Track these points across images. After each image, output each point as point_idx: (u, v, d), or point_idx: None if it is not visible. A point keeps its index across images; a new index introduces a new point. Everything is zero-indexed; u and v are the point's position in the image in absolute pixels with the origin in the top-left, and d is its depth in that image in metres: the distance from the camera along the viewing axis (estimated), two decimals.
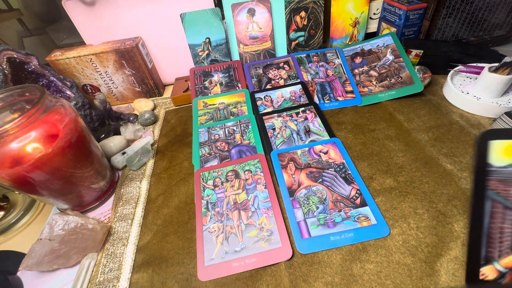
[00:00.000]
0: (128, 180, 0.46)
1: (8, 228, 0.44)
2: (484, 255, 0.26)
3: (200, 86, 0.60)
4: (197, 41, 0.61)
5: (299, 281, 0.30)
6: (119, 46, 0.57)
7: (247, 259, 0.32)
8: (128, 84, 0.63)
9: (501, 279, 0.25)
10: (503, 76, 0.44)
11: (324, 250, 0.32)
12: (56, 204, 0.40)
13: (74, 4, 0.58)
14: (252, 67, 0.62)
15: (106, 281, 0.33)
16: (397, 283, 0.28)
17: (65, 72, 0.59)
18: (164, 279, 0.32)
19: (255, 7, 0.60)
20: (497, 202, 0.25)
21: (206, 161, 0.45)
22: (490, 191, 0.25)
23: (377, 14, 0.67)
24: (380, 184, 0.38)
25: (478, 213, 0.26)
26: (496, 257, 0.25)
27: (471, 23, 0.61)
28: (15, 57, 0.48)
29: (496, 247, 0.25)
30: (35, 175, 0.33)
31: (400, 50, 0.56)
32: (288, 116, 0.50)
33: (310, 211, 0.35)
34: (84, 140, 0.38)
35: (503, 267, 0.25)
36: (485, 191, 0.25)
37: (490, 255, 0.26)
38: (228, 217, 0.36)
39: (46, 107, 0.34)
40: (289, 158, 0.42)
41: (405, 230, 0.32)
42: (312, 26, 0.64)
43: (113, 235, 0.38)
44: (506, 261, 0.25)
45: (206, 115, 0.53)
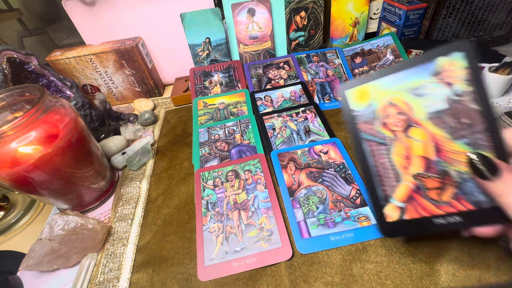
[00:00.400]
0: (128, 180, 0.46)
1: (8, 228, 0.44)
2: (381, 196, 0.27)
3: (200, 86, 0.60)
4: (197, 41, 0.61)
5: (299, 281, 0.30)
6: (119, 46, 0.57)
7: (247, 259, 0.32)
8: (128, 84, 0.63)
9: (403, 215, 0.25)
10: (503, 76, 0.44)
11: (324, 250, 0.32)
12: (56, 204, 0.40)
13: (74, 4, 0.58)
14: (252, 67, 0.62)
15: (106, 281, 0.33)
16: (397, 283, 0.28)
17: (65, 72, 0.59)
18: (164, 279, 0.32)
19: (255, 7, 0.60)
20: (370, 141, 0.27)
21: (206, 161, 0.45)
22: (362, 133, 0.27)
23: (377, 14, 0.67)
24: None
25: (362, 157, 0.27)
26: (390, 193, 0.26)
27: (471, 23, 0.61)
28: (15, 57, 0.48)
29: (386, 184, 0.26)
30: (35, 175, 0.33)
31: (400, 50, 0.56)
32: (288, 116, 0.50)
33: (310, 211, 0.35)
34: (84, 140, 0.38)
35: (400, 201, 0.26)
36: (358, 134, 0.28)
37: (386, 194, 0.27)
38: (228, 217, 0.36)
39: (46, 107, 0.34)
40: (289, 158, 0.42)
41: None
42: (312, 26, 0.64)
43: (113, 235, 0.38)
44: (399, 195, 0.26)
45: (206, 115, 0.53)
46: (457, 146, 0.23)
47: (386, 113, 0.26)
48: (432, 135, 0.25)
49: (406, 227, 0.26)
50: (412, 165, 0.25)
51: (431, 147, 0.25)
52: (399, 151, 0.26)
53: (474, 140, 0.23)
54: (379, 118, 0.27)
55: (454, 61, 0.23)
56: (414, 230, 0.26)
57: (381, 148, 0.27)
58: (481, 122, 0.22)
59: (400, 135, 0.26)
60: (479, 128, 0.23)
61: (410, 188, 0.26)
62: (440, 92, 0.24)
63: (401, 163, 0.26)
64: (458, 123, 0.23)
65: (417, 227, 0.25)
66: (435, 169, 0.24)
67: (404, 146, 0.26)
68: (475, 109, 0.23)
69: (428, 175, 0.25)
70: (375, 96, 0.27)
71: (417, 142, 0.25)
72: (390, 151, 0.26)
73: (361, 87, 0.27)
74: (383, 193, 0.27)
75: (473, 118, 0.23)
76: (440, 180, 0.24)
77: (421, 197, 0.25)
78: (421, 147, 0.25)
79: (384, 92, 0.26)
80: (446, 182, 0.24)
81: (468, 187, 0.23)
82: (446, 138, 0.24)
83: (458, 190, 0.24)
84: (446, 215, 0.24)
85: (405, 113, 0.26)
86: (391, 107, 0.26)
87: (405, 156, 0.26)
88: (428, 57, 0.24)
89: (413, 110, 0.25)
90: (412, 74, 0.25)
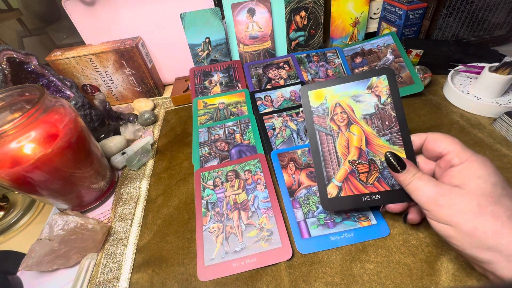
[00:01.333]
0: (128, 180, 0.46)
1: (8, 228, 0.44)
2: (325, 176, 0.33)
3: (200, 86, 0.60)
4: (197, 41, 0.61)
5: (299, 281, 0.30)
6: (119, 46, 0.57)
7: (247, 259, 0.32)
8: (128, 84, 0.63)
9: (340, 193, 0.32)
10: (503, 76, 0.44)
11: (324, 250, 0.32)
12: (56, 204, 0.40)
13: (74, 4, 0.58)
14: (252, 67, 0.62)
15: (106, 281, 0.33)
16: (397, 283, 0.28)
17: (65, 72, 0.59)
18: (164, 279, 0.32)
19: (255, 7, 0.60)
20: (321, 132, 0.34)
21: (206, 161, 0.45)
22: (316, 125, 0.34)
23: (377, 14, 0.67)
24: None
25: (315, 144, 0.34)
26: (333, 175, 0.33)
27: (471, 23, 0.61)
28: (15, 57, 0.48)
29: (330, 167, 0.33)
30: (35, 175, 0.33)
31: (400, 50, 0.56)
32: (288, 116, 0.50)
33: (310, 211, 0.35)
34: (84, 140, 0.38)
35: (339, 182, 0.32)
36: (313, 125, 0.34)
37: (329, 175, 0.33)
38: (228, 217, 0.36)
39: (45, 107, 0.34)
40: (289, 158, 0.42)
41: (406, 230, 0.32)
42: (312, 26, 0.64)
43: (113, 235, 0.38)
44: (339, 176, 0.33)
45: (206, 115, 0.53)
46: (381, 141, 0.32)
47: (335, 111, 0.34)
48: (365, 131, 0.33)
49: (341, 202, 0.32)
50: (350, 153, 0.33)
51: (363, 140, 0.33)
52: (341, 142, 0.33)
53: (392, 138, 0.32)
54: (329, 115, 0.34)
55: (380, 79, 0.33)
56: (347, 204, 0.32)
57: (329, 138, 0.34)
58: (396, 125, 0.31)
59: (343, 129, 0.33)
60: (395, 129, 0.31)
61: (347, 171, 0.32)
62: (371, 100, 0.33)
63: (342, 151, 0.33)
64: (382, 124, 0.32)
65: (350, 202, 0.32)
66: (365, 157, 0.32)
67: (345, 138, 0.33)
68: (393, 115, 0.32)
69: (361, 162, 0.32)
70: (328, 98, 0.34)
71: (355, 136, 0.33)
72: (335, 141, 0.33)
73: (318, 90, 0.34)
74: (327, 175, 0.33)
75: (391, 122, 0.32)
76: (368, 166, 0.32)
77: (354, 179, 0.32)
78: (357, 140, 0.33)
79: (334, 96, 0.34)
80: (372, 168, 0.32)
81: (386, 173, 0.31)
82: (374, 135, 0.32)
83: (379, 175, 0.32)
84: (371, 193, 0.31)
85: (348, 113, 0.33)
86: (338, 107, 0.34)
87: (346, 146, 0.33)
88: (365, 76, 0.33)
89: (354, 111, 0.33)
90: (354, 85, 0.33)
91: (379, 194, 0.31)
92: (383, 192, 0.31)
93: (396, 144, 0.31)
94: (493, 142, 0.41)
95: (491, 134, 0.42)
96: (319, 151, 0.33)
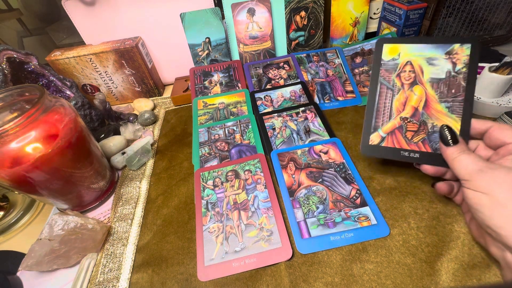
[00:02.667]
0: (128, 180, 0.46)
1: (8, 228, 0.44)
2: (373, 125, 0.35)
3: (200, 86, 0.60)
4: (197, 41, 0.61)
5: (299, 281, 0.30)
6: (119, 46, 0.57)
7: (247, 259, 0.32)
8: (128, 84, 0.63)
9: (382, 142, 0.34)
10: (503, 76, 0.44)
11: (324, 250, 0.32)
12: (56, 204, 0.40)
13: (74, 4, 0.58)
14: (252, 67, 0.62)
15: (106, 281, 0.33)
16: (397, 283, 0.28)
17: (65, 72, 0.59)
18: (164, 279, 0.32)
19: (255, 7, 0.60)
20: (383, 85, 0.35)
21: (206, 161, 0.45)
22: (381, 77, 0.36)
23: (377, 13, 0.67)
24: (380, 184, 0.38)
25: (373, 95, 0.36)
26: (380, 125, 0.35)
27: (471, 23, 0.61)
28: (15, 57, 0.48)
29: (380, 118, 0.35)
30: (35, 175, 0.33)
31: None
32: (288, 116, 0.50)
33: (310, 211, 0.35)
34: (84, 140, 0.38)
35: (384, 133, 0.35)
36: (378, 77, 0.36)
37: (377, 125, 0.35)
38: (228, 217, 0.36)
39: (45, 107, 0.34)
40: (289, 158, 0.42)
41: (405, 230, 0.32)
42: (312, 26, 0.64)
43: (112, 235, 0.38)
44: (385, 128, 0.35)
45: (206, 115, 0.53)
46: (440, 107, 0.33)
47: (404, 69, 0.35)
48: (427, 94, 0.34)
49: (380, 150, 0.34)
50: (405, 111, 0.34)
51: (423, 102, 0.34)
52: (400, 98, 0.35)
53: (453, 106, 0.32)
54: (397, 70, 0.35)
55: (463, 48, 0.32)
56: (385, 154, 0.34)
57: (388, 92, 0.35)
58: (462, 95, 0.32)
59: (406, 87, 0.34)
60: (459, 99, 0.32)
61: (395, 126, 0.34)
62: (445, 66, 0.33)
63: (397, 107, 0.35)
64: (448, 91, 0.33)
65: (388, 153, 0.34)
66: (418, 117, 0.33)
67: (405, 96, 0.34)
68: (463, 85, 0.32)
69: (412, 120, 0.34)
70: (402, 54, 0.35)
71: (415, 96, 0.34)
72: (394, 96, 0.35)
73: (395, 45, 0.36)
74: (375, 124, 0.35)
75: (458, 91, 0.32)
76: (418, 126, 0.33)
77: (400, 134, 0.34)
78: (416, 100, 0.34)
79: (409, 54, 0.35)
80: (422, 129, 0.33)
81: (433, 137, 0.32)
82: (436, 99, 0.33)
83: (426, 137, 0.33)
84: (411, 151, 0.33)
85: (416, 72, 0.34)
86: (408, 65, 0.35)
87: (402, 103, 0.34)
88: (448, 41, 0.33)
89: (423, 73, 0.34)
90: (433, 48, 0.34)
91: (419, 153, 0.32)
92: (423, 153, 0.32)
93: (454, 113, 0.32)
94: None
95: None
96: (375, 101, 0.35)
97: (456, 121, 0.31)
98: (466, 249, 0.29)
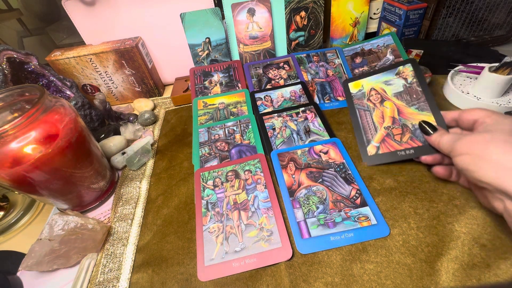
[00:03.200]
0: (128, 180, 0.46)
1: (8, 228, 0.44)
2: (365, 139, 0.42)
3: (200, 86, 0.60)
4: (197, 41, 0.61)
5: (299, 281, 0.30)
6: (119, 46, 0.57)
7: (247, 259, 0.32)
8: (128, 84, 0.63)
9: (378, 151, 0.40)
10: (503, 76, 0.44)
11: (324, 250, 0.32)
12: (56, 204, 0.40)
13: (74, 4, 0.58)
14: (252, 67, 0.62)
15: (106, 281, 0.33)
16: (397, 283, 0.28)
17: (65, 72, 0.59)
18: (164, 279, 0.32)
19: (255, 7, 0.60)
20: (360, 109, 0.45)
21: (206, 161, 0.45)
22: (356, 104, 0.45)
23: (377, 14, 0.67)
24: (380, 184, 0.38)
25: (355, 118, 0.44)
26: (371, 138, 0.41)
27: (471, 23, 0.61)
28: (15, 57, 0.48)
29: (369, 133, 0.42)
30: (35, 175, 0.33)
31: (400, 50, 0.56)
32: (288, 116, 0.50)
33: (310, 211, 0.35)
34: (84, 140, 0.38)
35: (377, 143, 0.41)
36: (354, 105, 0.45)
37: (368, 139, 0.42)
38: (228, 217, 0.36)
39: (46, 107, 0.34)
40: (289, 158, 0.42)
41: (405, 230, 0.32)
42: (312, 26, 0.64)
43: (113, 235, 0.38)
44: (376, 139, 0.41)
45: (206, 115, 0.53)
46: (411, 110, 0.41)
47: (370, 94, 0.45)
48: (396, 104, 0.42)
49: (380, 157, 0.40)
50: (385, 121, 0.42)
51: (396, 111, 0.42)
52: (377, 114, 0.43)
53: (420, 106, 0.40)
54: (366, 96, 0.45)
55: (406, 67, 0.44)
56: (385, 159, 0.39)
57: (366, 113, 0.44)
58: (422, 97, 0.40)
59: (378, 105, 0.43)
60: (422, 100, 0.40)
61: (383, 135, 0.41)
62: (400, 82, 0.43)
63: (378, 121, 0.42)
64: (410, 97, 0.41)
65: (387, 157, 0.39)
66: (398, 123, 0.41)
67: (380, 111, 0.43)
68: (420, 90, 0.41)
69: (394, 126, 0.41)
70: (364, 85, 0.46)
71: (388, 109, 0.42)
72: (372, 114, 0.43)
73: (357, 81, 0.47)
74: (367, 139, 0.42)
75: (418, 95, 0.41)
76: (401, 129, 0.40)
77: (390, 139, 0.40)
78: (390, 111, 0.42)
79: (369, 84, 0.46)
80: (405, 130, 0.40)
81: (418, 133, 0.38)
82: (404, 106, 0.41)
83: (411, 135, 0.39)
84: (405, 149, 0.38)
85: (381, 93, 0.44)
86: (373, 91, 0.45)
87: (381, 117, 0.42)
88: (393, 67, 0.45)
89: (386, 92, 0.44)
90: (384, 74, 0.45)
91: (413, 149, 0.38)
92: (415, 147, 0.38)
93: (424, 110, 0.39)
94: None
95: None
96: (359, 122, 0.43)
97: (429, 116, 0.38)
98: (466, 249, 0.29)
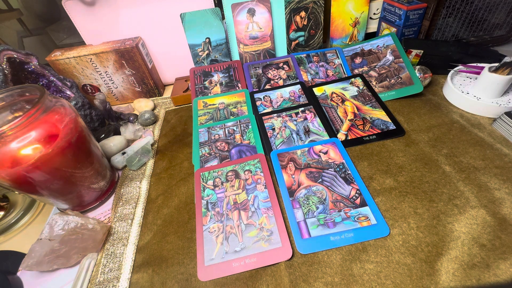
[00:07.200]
0: (128, 180, 0.46)
1: (8, 228, 0.44)
2: (335, 129, 0.48)
3: (200, 86, 0.60)
4: (197, 41, 0.61)
5: (299, 281, 0.30)
6: (119, 46, 0.57)
7: (247, 259, 0.32)
8: (128, 84, 0.63)
9: (347, 137, 0.46)
10: (503, 76, 0.44)
11: (324, 250, 0.32)
12: (56, 204, 0.40)
13: (74, 4, 0.58)
14: (252, 67, 0.62)
15: (106, 281, 0.33)
16: (397, 283, 0.28)
17: (65, 72, 0.59)
18: (164, 279, 0.32)
19: (255, 7, 0.60)
20: (326, 107, 0.52)
21: (206, 161, 0.45)
22: (322, 103, 0.53)
23: (377, 14, 0.67)
24: (380, 184, 0.38)
25: (323, 114, 0.50)
26: (340, 128, 0.48)
27: (471, 23, 0.61)
28: (15, 57, 0.48)
29: (337, 124, 0.48)
30: (35, 175, 0.33)
31: (400, 51, 0.56)
32: (287, 116, 0.50)
33: (310, 211, 0.35)
34: (84, 140, 0.38)
35: (344, 131, 0.47)
36: (320, 104, 0.52)
37: (337, 128, 0.48)
38: (228, 217, 0.36)
39: (46, 107, 0.34)
40: (289, 158, 0.42)
41: (405, 230, 0.32)
42: (312, 26, 0.64)
43: (113, 235, 0.38)
44: (344, 128, 0.47)
45: (206, 115, 0.53)
46: (366, 107, 0.50)
47: (332, 96, 0.54)
48: (355, 104, 0.51)
49: (349, 142, 0.45)
50: (348, 116, 0.50)
51: (355, 108, 0.51)
52: (340, 110, 0.51)
53: (373, 105, 0.50)
54: (329, 98, 0.53)
55: (357, 79, 0.55)
56: (354, 143, 0.45)
57: (332, 110, 0.51)
58: (373, 99, 0.52)
59: (340, 104, 0.52)
60: (373, 101, 0.51)
61: (349, 125, 0.48)
62: (353, 89, 0.54)
63: (343, 115, 0.50)
64: (364, 99, 0.52)
65: (355, 142, 0.45)
66: (359, 116, 0.49)
67: (343, 109, 0.51)
68: (369, 94, 0.53)
69: (356, 119, 0.49)
70: (326, 90, 0.55)
71: (348, 107, 0.51)
72: (336, 111, 0.51)
73: (320, 87, 0.56)
74: (335, 128, 0.48)
75: (369, 97, 0.52)
76: (362, 121, 0.48)
77: (355, 128, 0.47)
78: (351, 108, 0.51)
79: (330, 89, 0.55)
80: (366, 121, 0.48)
81: (376, 123, 0.47)
82: (361, 104, 0.51)
83: (371, 124, 0.47)
84: (369, 135, 0.46)
85: (341, 96, 0.53)
86: (334, 94, 0.54)
87: (344, 112, 0.50)
88: (347, 78, 0.56)
89: (344, 95, 0.53)
90: (341, 83, 0.56)
91: (375, 135, 0.46)
92: (377, 133, 0.46)
93: (377, 108, 0.50)
94: (493, 142, 0.41)
95: (491, 134, 0.42)
96: (327, 116, 0.50)
97: (381, 111, 0.49)
98: (466, 249, 0.29)
